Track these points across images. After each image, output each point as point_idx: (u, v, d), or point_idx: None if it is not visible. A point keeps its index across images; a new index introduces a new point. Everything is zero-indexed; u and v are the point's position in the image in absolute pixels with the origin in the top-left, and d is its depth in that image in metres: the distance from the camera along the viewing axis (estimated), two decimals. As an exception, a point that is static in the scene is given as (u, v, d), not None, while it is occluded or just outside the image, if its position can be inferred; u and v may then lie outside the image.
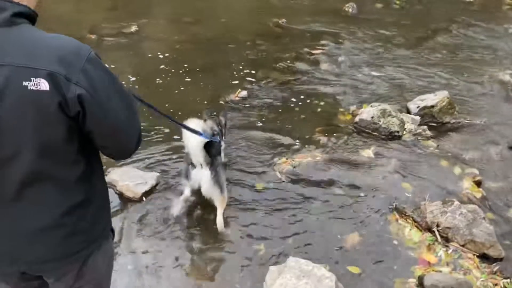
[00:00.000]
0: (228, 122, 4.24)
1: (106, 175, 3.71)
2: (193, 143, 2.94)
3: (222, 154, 3.60)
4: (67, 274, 1.56)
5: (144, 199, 3.55)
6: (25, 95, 1.22)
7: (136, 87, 5.37)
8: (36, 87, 1.21)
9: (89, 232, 1.55)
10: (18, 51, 1.23)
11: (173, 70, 5.95)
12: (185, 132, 2.88)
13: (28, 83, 1.21)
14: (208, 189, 3.14)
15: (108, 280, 1.81)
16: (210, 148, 3.06)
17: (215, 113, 3.87)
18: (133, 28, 7.42)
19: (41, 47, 1.25)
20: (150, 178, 3.66)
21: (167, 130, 4.47)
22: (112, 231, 1.74)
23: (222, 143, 3.61)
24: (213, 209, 3.40)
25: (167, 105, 4.96)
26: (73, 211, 1.46)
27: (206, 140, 2.94)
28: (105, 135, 1.41)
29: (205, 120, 3.56)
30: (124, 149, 1.51)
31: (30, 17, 1.31)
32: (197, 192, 3.37)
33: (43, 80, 1.21)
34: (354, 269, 2.98)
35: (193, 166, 3.14)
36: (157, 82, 5.62)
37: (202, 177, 3.10)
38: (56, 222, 1.44)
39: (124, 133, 1.45)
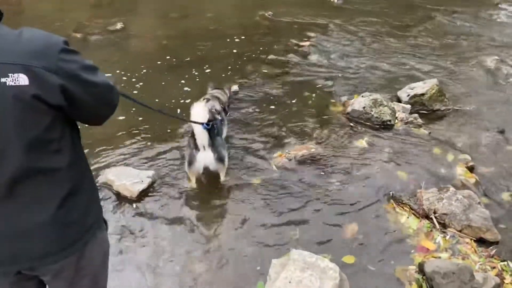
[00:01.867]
0: (232, 95, 4.70)
1: (101, 175, 3.69)
2: (198, 130, 3.35)
3: (225, 129, 4.06)
4: (65, 269, 1.55)
5: (141, 197, 3.52)
6: (4, 92, 1.22)
7: (124, 85, 5.31)
8: (14, 82, 1.22)
9: (82, 222, 1.55)
10: None
11: (161, 66, 5.91)
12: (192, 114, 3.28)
13: (6, 79, 1.22)
14: (215, 166, 3.56)
15: (104, 272, 1.79)
16: (211, 132, 3.44)
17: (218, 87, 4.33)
18: (119, 25, 7.35)
19: (13, 43, 1.25)
20: (146, 177, 3.63)
21: (160, 128, 4.44)
22: (105, 222, 1.75)
23: (225, 119, 4.07)
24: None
25: (157, 100, 4.95)
26: (66, 202, 1.46)
27: (207, 128, 3.34)
28: (88, 114, 1.49)
29: (207, 100, 3.96)
30: (104, 119, 1.59)
31: None
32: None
33: (21, 75, 1.23)
34: (352, 259, 3.00)
35: (197, 149, 3.46)
36: (145, 78, 5.57)
37: (206, 158, 3.48)
38: (51, 216, 1.44)
39: (105, 109, 1.54)
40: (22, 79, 1.23)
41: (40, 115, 1.30)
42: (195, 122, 3.28)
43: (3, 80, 1.21)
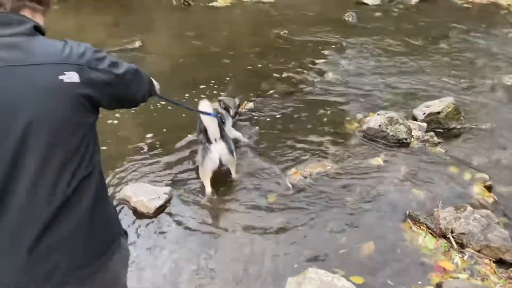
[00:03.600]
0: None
1: (119, 192, 3.74)
2: (210, 122, 3.62)
3: (233, 132, 4.43)
4: (93, 280, 1.51)
5: (157, 214, 3.55)
6: (63, 89, 1.34)
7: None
8: (70, 80, 1.35)
9: (109, 231, 1.58)
10: (46, 52, 1.36)
11: (178, 83, 5.99)
12: (203, 116, 3.61)
13: (63, 77, 1.34)
14: (227, 157, 3.79)
15: (125, 280, 1.77)
16: (219, 124, 3.73)
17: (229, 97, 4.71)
18: (137, 44, 7.50)
19: (62, 47, 1.39)
20: (163, 193, 3.67)
21: (176, 144, 4.50)
22: (125, 231, 1.74)
23: (230, 121, 4.45)
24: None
25: (173, 116, 5.00)
26: (93, 211, 1.47)
27: (216, 118, 3.63)
28: (124, 102, 1.67)
29: (219, 101, 4.46)
30: (138, 100, 1.74)
31: (41, 32, 1.45)
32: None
33: (74, 73, 1.36)
34: (367, 279, 2.96)
35: (210, 142, 3.70)
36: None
37: (220, 148, 3.72)
38: (79, 226, 1.44)
39: (137, 97, 1.70)
40: (75, 77, 1.36)
41: (85, 115, 1.42)
42: (203, 112, 3.54)
43: (60, 77, 1.33)
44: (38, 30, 1.42)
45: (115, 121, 4.81)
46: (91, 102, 1.42)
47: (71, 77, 1.35)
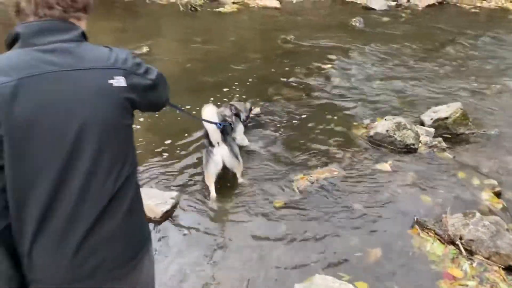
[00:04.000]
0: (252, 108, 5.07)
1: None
2: (211, 128, 3.68)
3: (242, 136, 4.49)
4: (127, 281, 1.55)
5: (164, 218, 3.55)
6: (111, 93, 1.40)
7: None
8: (118, 84, 1.42)
9: (142, 232, 1.62)
10: (95, 57, 1.43)
11: (185, 88, 6.01)
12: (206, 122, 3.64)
13: (112, 81, 1.41)
14: (231, 161, 3.82)
15: (153, 284, 1.82)
16: (223, 131, 3.80)
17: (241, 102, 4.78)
18: (145, 49, 7.54)
19: (109, 53, 1.46)
20: (170, 198, 3.67)
21: (183, 150, 4.51)
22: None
23: (241, 127, 4.51)
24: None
25: (180, 120, 5.02)
26: (130, 212, 1.51)
27: (219, 127, 3.70)
28: (155, 106, 1.75)
29: (231, 106, 4.52)
30: (163, 103, 1.81)
31: (86, 39, 1.52)
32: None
33: (121, 77, 1.43)
34: (366, 286, 2.94)
35: (212, 145, 3.75)
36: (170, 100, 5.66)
37: (223, 152, 3.77)
38: (118, 226, 1.47)
39: (164, 101, 1.78)
40: (123, 81, 1.43)
41: (128, 117, 1.48)
42: (210, 122, 3.58)
43: (110, 81, 1.40)
44: (84, 36, 1.49)
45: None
46: (132, 105, 1.49)
47: (120, 81, 1.42)
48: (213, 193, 3.79)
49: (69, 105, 1.35)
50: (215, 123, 3.62)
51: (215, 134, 3.71)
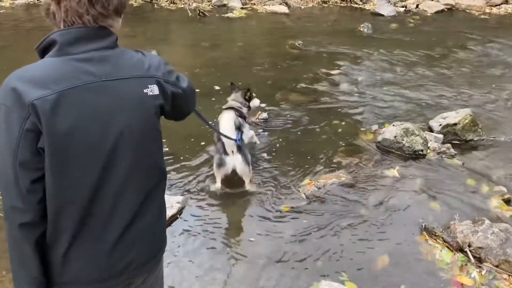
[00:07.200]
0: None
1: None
2: (229, 143, 3.76)
3: (249, 136, 4.45)
4: (150, 277, 1.64)
5: (170, 223, 3.55)
6: (146, 101, 1.43)
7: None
8: (152, 92, 1.44)
9: (164, 231, 1.68)
10: (131, 65, 1.43)
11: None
12: (222, 130, 3.68)
13: (147, 90, 1.43)
14: (242, 169, 3.88)
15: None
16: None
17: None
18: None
19: (143, 60, 1.46)
20: (176, 202, 3.67)
21: (189, 155, 4.51)
22: None
23: (247, 128, 4.40)
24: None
25: (187, 125, 5.01)
26: (160, 212, 1.59)
27: (238, 143, 3.79)
28: (181, 114, 1.74)
29: (237, 110, 4.27)
30: (189, 111, 1.82)
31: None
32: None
33: (155, 86, 1.45)
34: None
35: (226, 153, 3.82)
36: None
37: (236, 161, 3.84)
38: (148, 224, 1.53)
39: (191, 109, 1.81)
40: (156, 89, 1.45)
41: (159, 123, 1.51)
42: (230, 138, 3.66)
43: (145, 91, 1.42)
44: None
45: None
46: (162, 112, 1.52)
47: (153, 90, 1.44)
48: (218, 184, 3.94)
49: (107, 115, 1.36)
50: (234, 140, 3.70)
51: (231, 145, 3.78)
